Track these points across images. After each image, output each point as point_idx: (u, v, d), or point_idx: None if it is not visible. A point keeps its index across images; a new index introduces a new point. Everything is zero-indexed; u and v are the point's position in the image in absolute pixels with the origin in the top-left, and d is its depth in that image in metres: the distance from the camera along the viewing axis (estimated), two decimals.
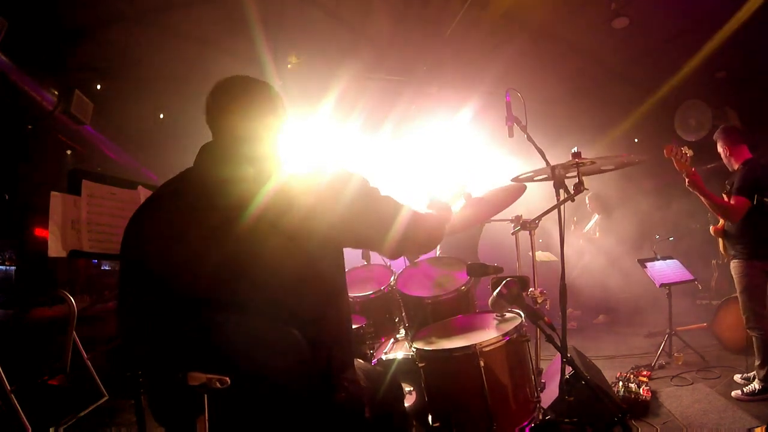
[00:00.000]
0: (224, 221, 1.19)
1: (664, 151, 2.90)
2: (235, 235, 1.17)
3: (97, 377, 3.11)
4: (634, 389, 2.97)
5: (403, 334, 2.67)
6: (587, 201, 5.95)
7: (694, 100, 5.96)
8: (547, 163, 2.35)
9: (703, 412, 2.85)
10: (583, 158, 2.23)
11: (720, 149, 3.29)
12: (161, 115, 6.21)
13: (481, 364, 1.89)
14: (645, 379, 3.28)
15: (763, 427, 2.60)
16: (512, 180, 2.50)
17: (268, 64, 5.07)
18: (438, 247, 3.38)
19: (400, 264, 2.90)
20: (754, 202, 2.90)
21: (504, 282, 1.72)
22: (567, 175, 2.33)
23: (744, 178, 3.03)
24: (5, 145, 5.04)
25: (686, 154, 2.86)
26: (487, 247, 4.93)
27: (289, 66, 5.22)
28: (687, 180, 2.93)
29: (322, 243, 1.22)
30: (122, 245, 1.30)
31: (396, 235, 1.30)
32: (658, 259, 4.39)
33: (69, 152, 5.90)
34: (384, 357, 2.43)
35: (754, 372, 3.05)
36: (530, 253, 2.61)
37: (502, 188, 2.55)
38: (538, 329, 2.26)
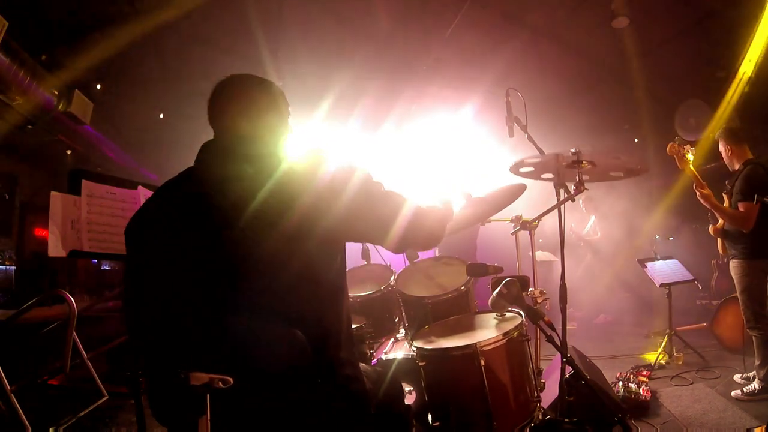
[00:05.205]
0: (224, 221, 1.18)
1: (667, 148, 2.95)
2: (234, 235, 1.17)
3: (97, 377, 3.11)
4: (634, 389, 2.97)
5: (403, 334, 2.66)
6: (581, 204, 5.93)
7: (694, 100, 5.95)
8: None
9: (703, 412, 2.85)
10: (583, 158, 2.23)
11: (721, 148, 3.28)
12: (161, 115, 6.21)
13: (482, 363, 1.89)
14: (645, 379, 3.28)
15: (763, 427, 2.60)
16: (510, 168, 2.46)
17: (269, 63, 5.08)
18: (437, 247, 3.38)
19: (400, 264, 2.90)
20: (755, 202, 2.89)
21: (504, 282, 1.72)
22: (570, 175, 2.31)
23: (746, 182, 3.01)
24: (5, 145, 5.04)
25: (685, 155, 2.90)
26: (487, 247, 4.93)
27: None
28: (698, 194, 3.05)
29: (322, 242, 1.21)
30: (126, 245, 1.31)
31: (398, 232, 1.30)
32: (658, 259, 4.39)
33: (69, 152, 5.91)
34: (384, 357, 2.43)
35: (754, 372, 3.05)
36: (530, 253, 2.61)
37: (502, 188, 2.54)
38: (538, 329, 2.26)
